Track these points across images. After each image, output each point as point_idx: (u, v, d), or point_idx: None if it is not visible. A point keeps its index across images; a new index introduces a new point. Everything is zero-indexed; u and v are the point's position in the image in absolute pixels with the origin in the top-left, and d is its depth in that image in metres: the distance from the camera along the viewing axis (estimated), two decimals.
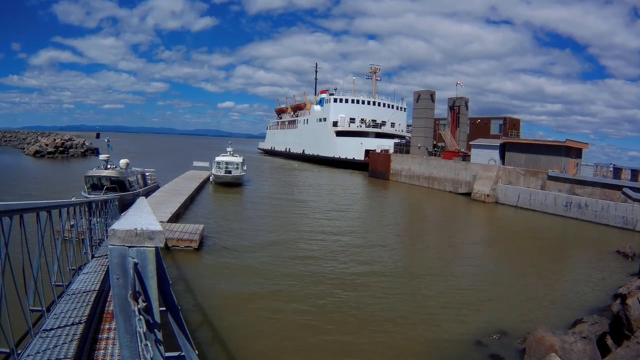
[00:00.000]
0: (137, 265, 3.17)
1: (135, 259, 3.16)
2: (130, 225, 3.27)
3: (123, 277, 3.17)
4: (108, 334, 5.56)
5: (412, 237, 24.70)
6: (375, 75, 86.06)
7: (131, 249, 3.16)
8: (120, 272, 3.17)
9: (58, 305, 6.25)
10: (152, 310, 3.28)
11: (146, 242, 3.16)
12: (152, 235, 3.18)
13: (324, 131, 79.39)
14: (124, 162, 26.86)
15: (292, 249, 18.73)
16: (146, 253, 3.19)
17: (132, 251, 3.16)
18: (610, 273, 17.73)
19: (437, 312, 12.69)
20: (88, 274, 8.15)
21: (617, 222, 29.05)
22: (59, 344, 4.97)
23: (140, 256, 3.17)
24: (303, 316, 11.79)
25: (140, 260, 3.18)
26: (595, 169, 35.41)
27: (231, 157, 39.96)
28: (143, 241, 3.16)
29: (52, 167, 55.62)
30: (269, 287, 13.77)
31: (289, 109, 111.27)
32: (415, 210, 37.45)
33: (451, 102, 55.34)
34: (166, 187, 31.93)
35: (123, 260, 3.17)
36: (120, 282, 3.18)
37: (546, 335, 9.52)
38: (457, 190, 44.02)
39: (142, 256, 3.18)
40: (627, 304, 9.99)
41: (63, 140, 75.63)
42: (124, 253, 3.16)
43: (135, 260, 3.16)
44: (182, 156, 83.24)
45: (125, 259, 3.16)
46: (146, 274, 3.21)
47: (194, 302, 12.05)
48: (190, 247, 17.09)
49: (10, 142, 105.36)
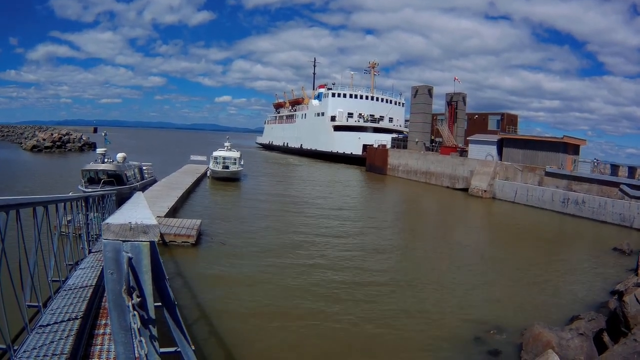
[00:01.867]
0: (131, 259, 3.12)
1: (130, 253, 3.11)
2: (125, 219, 3.22)
3: (117, 272, 3.12)
4: (105, 330, 5.54)
5: (409, 233, 24.69)
6: (374, 70, 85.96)
7: (125, 243, 3.11)
8: (114, 267, 3.12)
9: (55, 301, 6.22)
10: (146, 305, 3.23)
11: (140, 236, 3.11)
12: (147, 229, 3.12)
13: (321, 126, 79.32)
14: (121, 156, 26.78)
15: (290, 244, 18.70)
16: (140, 247, 3.13)
17: (126, 245, 3.11)
18: (608, 270, 17.75)
19: (435, 308, 12.70)
20: (85, 269, 8.11)
21: (615, 218, 29.08)
22: (55, 339, 4.94)
23: (135, 250, 3.12)
24: (300, 312, 11.78)
25: (134, 255, 3.12)
26: (592, 165, 35.41)
27: (229, 152, 39.88)
28: (137, 235, 3.10)
29: (50, 161, 55.48)
30: (266, 283, 13.74)
31: (287, 103, 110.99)
32: (412, 205, 37.46)
33: (449, 98, 55.27)
34: (163, 181, 31.88)
35: (117, 255, 3.12)
36: (114, 277, 3.12)
37: (543, 332, 9.53)
38: (455, 185, 44.04)
39: (136, 250, 3.12)
40: (624, 301, 10.00)
41: (60, 135, 75.29)
42: (118, 247, 3.11)
43: (130, 254, 3.10)
44: (179, 150, 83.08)
45: (119, 253, 3.11)
46: (140, 269, 3.16)
47: (191, 297, 12.02)
48: (187, 243, 17.02)
49: (8, 136, 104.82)
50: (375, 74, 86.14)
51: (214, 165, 38.77)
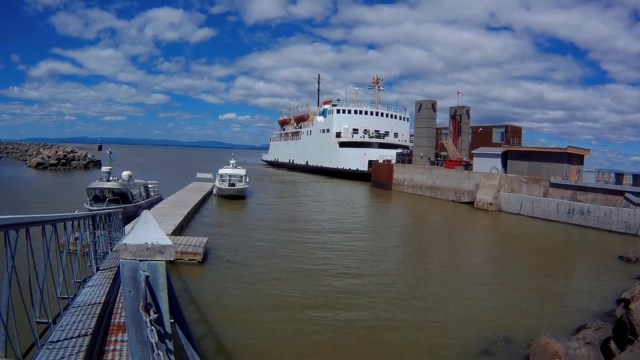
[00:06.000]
0: (148, 278, 3.29)
1: (147, 272, 3.28)
2: (141, 239, 3.40)
3: (135, 290, 3.29)
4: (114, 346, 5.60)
5: (415, 246, 24.73)
6: (378, 85, 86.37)
7: (142, 263, 3.28)
8: (132, 285, 3.30)
9: (64, 318, 6.27)
10: (163, 321, 3.40)
11: (157, 255, 3.29)
12: (163, 249, 3.30)
13: (327, 142, 79.59)
14: (127, 174, 26.91)
15: (297, 261, 18.75)
16: (157, 266, 3.31)
17: (143, 265, 3.28)
18: (613, 278, 17.74)
19: (442, 319, 12.74)
20: (93, 287, 8.21)
21: (620, 227, 29.04)
22: (65, 355, 5.00)
23: (152, 269, 3.29)
24: (308, 329, 11.84)
25: (151, 274, 3.30)
26: (597, 175, 35.43)
27: (234, 170, 40.13)
28: (154, 255, 3.28)
29: (55, 179, 55.79)
30: (273, 300, 13.81)
31: (292, 120, 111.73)
32: (418, 220, 37.47)
33: (452, 111, 55.53)
34: (169, 199, 32.03)
35: (134, 274, 3.29)
36: (132, 294, 3.30)
37: (550, 342, 9.57)
38: (460, 199, 44.04)
39: (153, 269, 3.30)
40: (630, 309, 10.05)
41: (65, 152, 75.73)
42: (135, 267, 3.28)
43: (147, 273, 3.28)
44: (184, 168, 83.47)
45: (136, 272, 3.28)
46: (157, 287, 3.33)
47: (199, 314, 12.12)
48: (194, 260, 17.08)
49: (13, 153, 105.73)
50: (380, 89, 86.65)
51: (219, 183, 38.99)
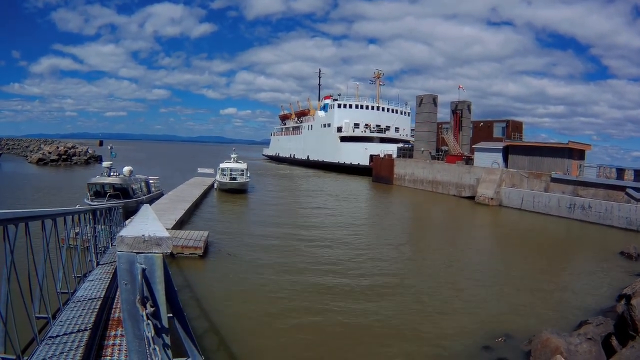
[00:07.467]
0: (145, 271, 3.23)
1: (143, 264, 3.22)
2: (138, 231, 3.33)
3: (131, 283, 3.23)
4: (114, 341, 5.56)
5: (416, 241, 24.71)
6: (379, 80, 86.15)
7: (139, 255, 3.22)
8: (128, 278, 3.23)
9: (64, 313, 6.24)
10: (160, 315, 3.34)
11: (154, 248, 3.22)
12: (160, 241, 3.24)
13: (328, 137, 79.51)
14: (127, 170, 26.91)
15: (298, 255, 18.75)
16: (154, 259, 3.25)
17: (140, 257, 3.22)
18: (615, 274, 17.69)
19: (443, 316, 12.71)
20: (93, 281, 8.18)
21: (621, 222, 28.96)
22: (65, 350, 4.97)
23: (148, 262, 3.23)
24: (308, 324, 11.83)
25: (148, 266, 3.24)
26: (598, 170, 35.33)
27: (235, 164, 40.13)
28: (151, 247, 3.22)
29: (56, 174, 55.88)
30: (274, 294, 13.80)
31: (293, 115, 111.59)
32: (419, 215, 37.46)
33: (453, 106, 55.42)
34: (170, 194, 32.05)
35: (131, 267, 3.23)
36: (128, 287, 3.24)
37: (551, 337, 9.53)
38: (461, 193, 44.01)
39: (150, 262, 3.24)
40: (631, 305, 9.97)
41: (66, 148, 75.97)
42: (132, 259, 3.22)
43: (143, 266, 3.22)
44: (185, 163, 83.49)
45: (133, 265, 3.22)
46: (154, 280, 3.27)
47: (199, 308, 12.10)
48: (195, 254, 17.11)
49: (14, 150, 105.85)
50: (381, 84, 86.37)
51: (221, 177, 39.02)
